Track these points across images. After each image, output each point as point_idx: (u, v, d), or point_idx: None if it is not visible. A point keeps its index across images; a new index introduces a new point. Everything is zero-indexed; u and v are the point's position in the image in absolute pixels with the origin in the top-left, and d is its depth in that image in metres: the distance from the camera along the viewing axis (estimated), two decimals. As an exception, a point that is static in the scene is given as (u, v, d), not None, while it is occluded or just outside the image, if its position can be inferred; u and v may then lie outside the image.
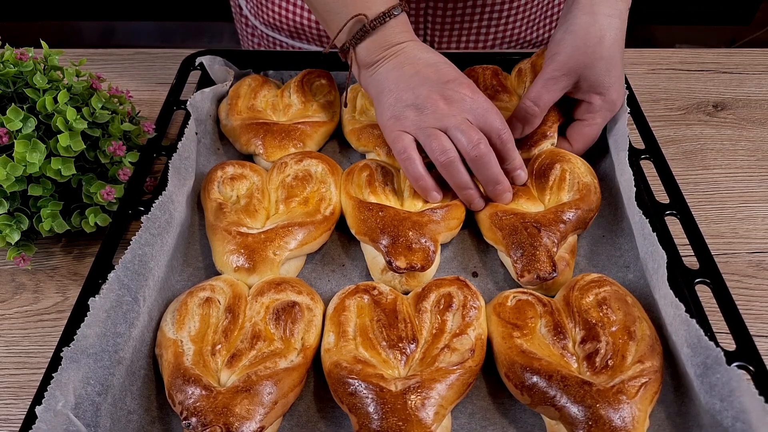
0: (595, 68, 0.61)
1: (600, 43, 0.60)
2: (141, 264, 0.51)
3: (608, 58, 0.61)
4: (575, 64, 0.61)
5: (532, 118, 0.64)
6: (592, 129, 0.66)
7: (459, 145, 0.57)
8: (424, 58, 0.60)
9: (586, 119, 0.65)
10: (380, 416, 0.44)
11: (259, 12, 0.93)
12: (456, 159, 0.57)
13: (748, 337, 0.48)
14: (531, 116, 0.63)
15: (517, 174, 0.62)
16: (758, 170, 0.74)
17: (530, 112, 0.63)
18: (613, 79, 0.62)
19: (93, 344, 0.46)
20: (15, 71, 0.59)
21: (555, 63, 0.62)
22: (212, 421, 0.44)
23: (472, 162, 0.58)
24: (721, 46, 1.42)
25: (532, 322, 0.52)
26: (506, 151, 0.59)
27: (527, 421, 0.50)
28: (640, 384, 0.46)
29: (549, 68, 0.62)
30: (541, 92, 0.63)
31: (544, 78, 0.62)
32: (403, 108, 0.58)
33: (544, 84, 0.62)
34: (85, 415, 0.44)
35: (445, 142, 0.57)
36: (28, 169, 0.55)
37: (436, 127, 0.57)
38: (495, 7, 0.87)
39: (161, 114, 0.69)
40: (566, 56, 0.61)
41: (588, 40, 0.60)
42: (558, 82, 0.62)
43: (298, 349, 0.50)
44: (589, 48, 0.60)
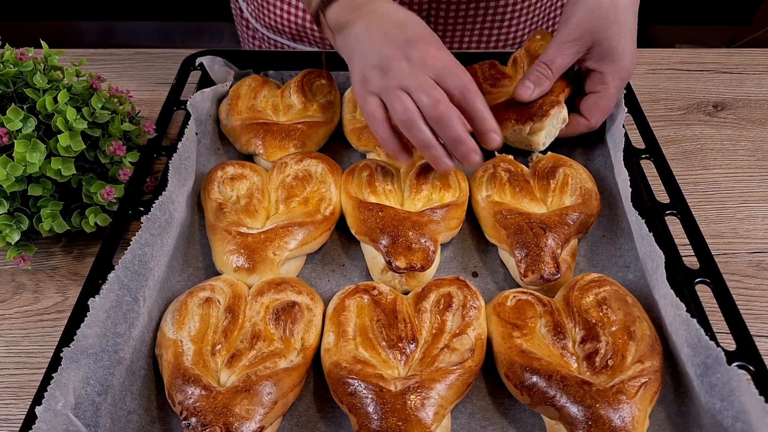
0: (608, 32, 0.61)
1: (614, 7, 0.60)
2: (141, 264, 0.51)
3: (622, 22, 0.60)
4: (589, 27, 0.61)
5: (544, 81, 0.63)
6: (607, 100, 0.65)
7: (420, 105, 0.55)
8: (393, 16, 0.59)
9: (600, 91, 0.65)
10: (380, 416, 0.44)
11: (260, 15, 0.93)
12: (415, 118, 0.55)
13: (748, 336, 0.48)
14: (544, 78, 0.63)
15: (490, 137, 0.57)
16: (758, 170, 0.74)
17: (544, 74, 0.63)
18: (626, 45, 0.62)
19: (93, 344, 0.46)
20: (15, 71, 0.59)
21: (568, 26, 0.61)
22: (212, 421, 0.44)
23: (432, 122, 0.55)
24: (721, 46, 1.42)
25: (531, 322, 0.51)
26: (472, 110, 0.56)
27: (527, 421, 0.50)
28: (640, 384, 0.46)
29: (563, 32, 0.62)
30: (554, 55, 0.62)
31: (558, 42, 0.62)
32: (370, 69, 0.58)
33: (558, 48, 0.62)
34: (85, 415, 0.44)
35: (406, 101, 0.55)
36: (28, 169, 0.55)
37: (398, 87, 0.56)
38: (498, 9, 0.87)
39: (161, 114, 0.69)
40: (579, 19, 0.61)
41: (602, 2, 0.60)
42: (572, 46, 0.62)
43: (298, 349, 0.50)
44: (602, 11, 0.60)
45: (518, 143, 0.68)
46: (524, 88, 0.64)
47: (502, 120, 0.64)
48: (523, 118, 0.65)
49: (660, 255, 0.50)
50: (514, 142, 0.68)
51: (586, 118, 0.66)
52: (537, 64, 0.64)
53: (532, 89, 0.64)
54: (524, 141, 0.67)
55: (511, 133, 0.66)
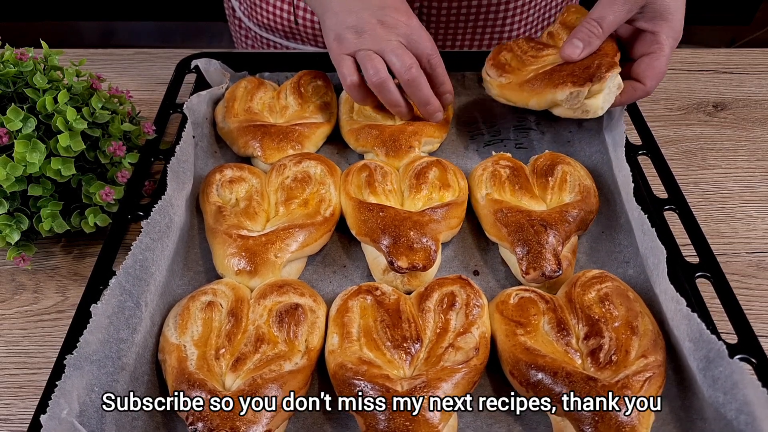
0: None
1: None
2: (142, 269, 0.51)
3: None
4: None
5: (594, 39, 0.60)
6: (662, 62, 0.61)
7: (393, 68, 0.61)
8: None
9: (654, 51, 0.61)
10: (387, 417, 0.44)
11: (252, 13, 0.93)
12: (386, 79, 0.62)
13: (749, 330, 0.48)
14: (594, 37, 0.60)
15: (445, 97, 0.67)
16: (758, 170, 0.74)
17: (594, 32, 0.59)
18: (678, 5, 0.59)
19: (96, 351, 0.46)
20: (15, 71, 0.59)
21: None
22: (219, 425, 0.44)
23: (405, 84, 0.62)
24: (721, 46, 1.42)
25: (535, 319, 0.52)
26: (436, 75, 0.64)
27: (533, 418, 0.50)
28: (644, 379, 0.46)
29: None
30: (605, 12, 0.59)
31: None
32: (345, 30, 0.61)
33: (610, 4, 0.59)
34: (90, 422, 0.44)
35: (378, 63, 0.60)
36: (28, 169, 0.55)
37: (372, 49, 0.61)
38: (491, 8, 0.87)
39: (158, 117, 0.69)
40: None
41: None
42: (624, 3, 0.58)
43: (302, 351, 0.50)
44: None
45: (572, 111, 0.62)
46: (572, 47, 0.60)
47: (556, 85, 0.60)
48: (580, 80, 0.59)
49: (662, 250, 0.51)
50: (567, 110, 0.62)
51: (642, 83, 0.62)
52: (586, 21, 0.60)
53: (581, 48, 0.60)
54: (580, 107, 0.61)
55: (567, 98, 0.60)
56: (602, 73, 0.59)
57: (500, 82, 0.65)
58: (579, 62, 0.60)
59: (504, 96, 0.66)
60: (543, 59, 0.65)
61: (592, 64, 0.60)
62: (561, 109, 0.62)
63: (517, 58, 0.67)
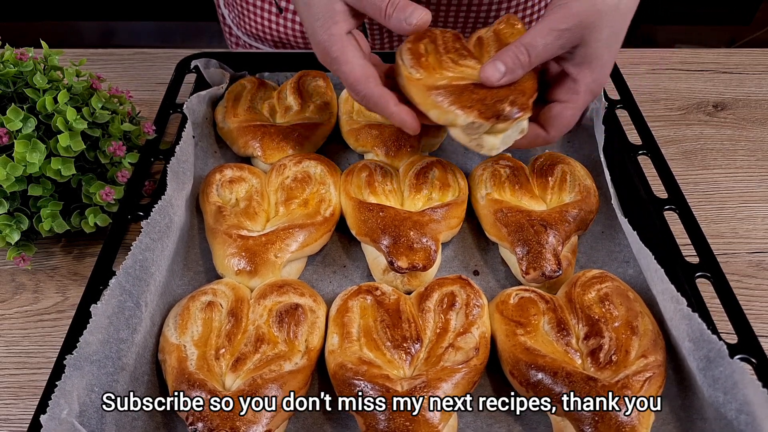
0: (600, 35, 0.51)
1: (616, 9, 0.51)
2: (142, 269, 0.51)
3: (617, 29, 0.52)
4: (584, 21, 0.50)
5: (518, 68, 0.52)
6: (574, 114, 0.55)
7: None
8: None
9: (569, 101, 0.55)
10: (387, 417, 0.44)
11: (241, 23, 0.92)
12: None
13: (749, 330, 0.48)
14: (519, 65, 0.51)
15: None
16: (758, 170, 0.74)
17: (521, 59, 0.51)
18: (611, 56, 0.54)
19: (96, 351, 0.46)
20: (15, 71, 0.59)
21: (564, 11, 0.50)
22: (219, 425, 0.44)
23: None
24: (721, 46, 1.42)
25: (535, 319, 0.52)
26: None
27: (533, 418, 0.50)
28: (644, 378, 0.46)
29: (553, 16, 0.51)
30: (537, 40, 0.51)
31: (546, 26, 0.51)
32: (310, 40, 0.56)
33: (545, 33, 0.51)
34: (90, 422, 0.44)
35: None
36: (28, 169, 0.55)
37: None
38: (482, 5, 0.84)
39: (158, 118, 0.69)
40: (577, 9, 0.50)
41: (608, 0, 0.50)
42: (559, 36, 0.51)
43: (302, 351, 0.50)
44: (603, 7, 0.50)
45: (467, 139, 0.54)
46: (493, 70, 0.51)
47: (463, 107, 0.52)
48: (488, 113, 0.51)
49: (647, 252, 0.51)
50: (463, 136, 0.54)
51: (546, 130, 0.56)
52: (516, 45, 0.51)
53: (503, 74, 0.51)
54: (477, 139, 0.54)
55: (468, 125, 0.52)
56: (512, 113, 0.51)
57: (410, 74, 0.55)
58: (494, 91, 0.52)
59: (407, 91, 0.56)
60: (461, 69, 0.56)
61: (505, 99, 0.52)
62: (457, 132, 0.54)
63: (436, 54, 0.57)
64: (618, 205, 0.57)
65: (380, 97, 0.53)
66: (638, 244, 0.53)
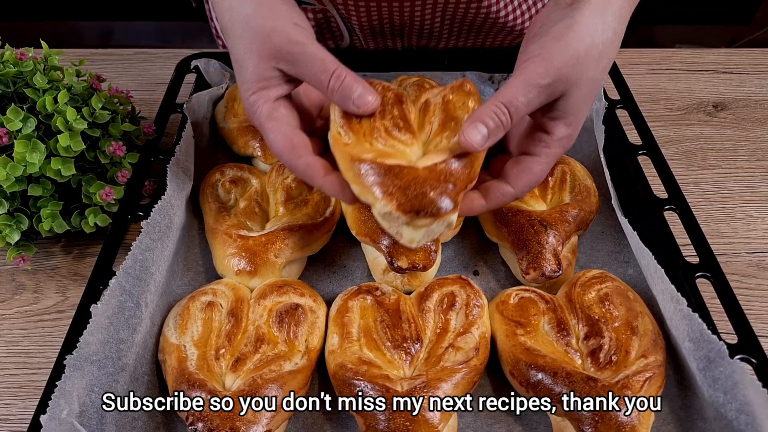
0: (581, 90, 0.46)
1: (598, 61, 0.46)
2: (142, 269, 0.51)
3: (597, 82, 0.47)
4: (567, 75, 0.44)
5: (500, 130, 0.44)
6: (543, 170, 0.49)
7: None
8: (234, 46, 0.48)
9: (538, 154, 0.48)
10: (387, 417, 0.44)
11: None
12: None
13: (750, 330, 0.48)
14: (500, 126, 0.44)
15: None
16: (758, 170, 0.74)
17: (502, 120, 0.44)
18: (587, 109, 0.48)
19: (96, 351, 0.46)
20: (15, 71, 0.59)
21: (546, 65, 0.44)
22: (219, 425, 0.44)
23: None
24: (721, 46, 1.42)
25: (535, 319, 0.52)
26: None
27: (533, 418, 0.50)
28: (644, 379, 0.46)
29: (537, 69, 0.44)
30: (519, 99, 0.44)
31: (528, 81, 0.44)
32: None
33: (527, 90, 0.44)
34: (90, 422, 0.44)
35: None
36: (28, 169, 0.55)
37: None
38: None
39: (158, 118, 0.69)
40: (561, 61, 0.44)
41: (591, 51, 0.45)
42: (542, 93, 0.44)
43: (302, 351, 0.50)
44: (587, 61, 0.45)
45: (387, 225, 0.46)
46: (475, 132, 0.44)
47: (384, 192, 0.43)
48: (408, 205, 0.43)
49: (647, 252, 0.51)
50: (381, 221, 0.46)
51: (511, 185, 0.49)
52: (494, 104, 0.44)
53: (486, 137, 0.44)
54: (395, 228, 0.46)
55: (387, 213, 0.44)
56: (435, 210, 0.43)
57: (338, 134, 0.47)
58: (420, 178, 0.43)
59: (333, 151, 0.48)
60: (392, 144, 0.47)
61: (430, 191, 0.43)
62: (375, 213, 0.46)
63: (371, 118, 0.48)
64: (618, 205, 0.57)
65: (306, 169, 0.47)
66: (638, 244, 0.53)
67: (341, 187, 0.47)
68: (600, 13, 0.46)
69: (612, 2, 0.47)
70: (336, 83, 0.45)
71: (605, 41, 0.46)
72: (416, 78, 0.74)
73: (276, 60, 0.46)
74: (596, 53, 0.45)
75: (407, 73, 0.76)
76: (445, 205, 0.43)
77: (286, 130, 0.48)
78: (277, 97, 0.48)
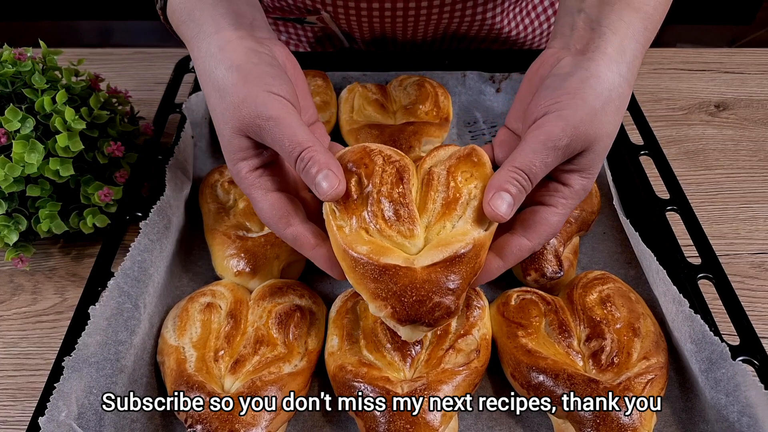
0: (599, 144, 0.44)
1: (616, 114, 0.44)
2: (141, 270, 0.51)
3: (612, 137, 0.45)
4: (585, 134, 0.42)
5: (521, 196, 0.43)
6: (559, 221, 0.46)
7: None
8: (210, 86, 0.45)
9: (554, 205, 0.46)
10: (387, 419, 0.44)
11: None
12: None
13: (752, 331, 0.48)
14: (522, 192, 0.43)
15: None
16: (760, 170, 0.73)
17: (523, 185, 0.42)
18: (600, 165, 0.46)
19: (94, 353, 0.46)
20: (13, 71, 0.58)
21: (562, 124, 0.42)
22: (218, 428, 0.43)
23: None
24: (723, 46, 1.42)
25: (536, 320, 0.51)
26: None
27: (534, 421, 0.49)
28: (646, 380, 0.46)
29: (553, 129, 0.42)
30: (535, 162, 0.42)
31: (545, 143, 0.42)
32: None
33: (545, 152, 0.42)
34: (89, 424, 0.44)
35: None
36: (27, 169, 0.55)
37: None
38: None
39: (157, 118, 0.68)
40: (580, 120, 0.42)
41: (607, 107, 0.43)
42: (561, 154, 0.42)
43: (302, 353, 0.50)
44: (605, 117, 0.43)
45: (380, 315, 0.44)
46: (501, 202, 0.42)
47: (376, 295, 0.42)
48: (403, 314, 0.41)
49: (649, 253, 0.51)
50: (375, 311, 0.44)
51: (527, 238, 0.46)
52: (511, 169, 0.42)
53: (512, 204, 0.42)
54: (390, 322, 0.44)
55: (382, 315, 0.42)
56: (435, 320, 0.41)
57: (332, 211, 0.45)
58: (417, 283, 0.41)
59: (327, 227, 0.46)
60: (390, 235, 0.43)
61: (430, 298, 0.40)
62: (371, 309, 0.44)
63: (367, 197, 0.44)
64: (620, 206, 0.57)
65: (294, 241, 0.46)
66: (640, 245, 0.52)
67: (330, 264, 0.46)
68: (615, 63, 0.44)
69: (626, 51, 0.44)
70: (301, 164, 0.42)
71: (621, 95, 0.44)
72: (416, 78, 0.74)
73: (247, 132, 0.44)
74: (613, 108, 0.44)
75: (407, 72, 0.76)
76: (444, 314, 0.41)
77: (273, 198, 0.46)
78: (259, 165, 0.46)
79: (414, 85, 0.74)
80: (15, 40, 0.66)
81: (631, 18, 0.45)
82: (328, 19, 0.77)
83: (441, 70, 0.77)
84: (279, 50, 0.50)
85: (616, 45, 0.44)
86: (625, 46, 0.45)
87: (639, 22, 0.45)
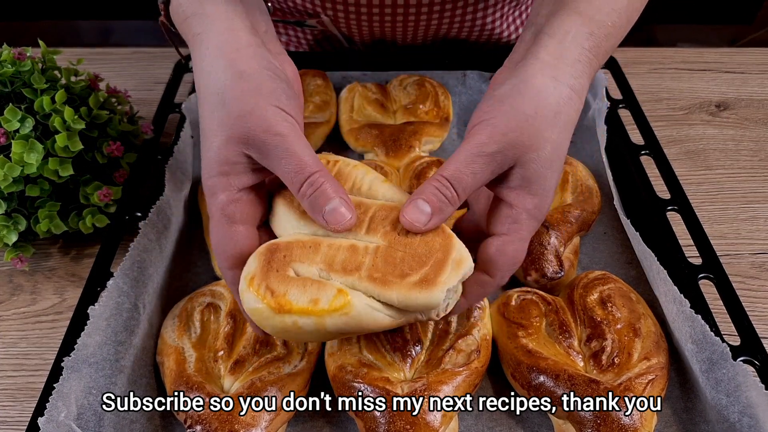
0: (538, 154, 0.40)
1: (554, 120, 0.41)
2: (140, 270, 0.51)
3: (558, 144, 0.42)
4: (515, 141, 0.40)
5: (446, 206, 0.40)
6: (517, 249, 0.42)
7: None
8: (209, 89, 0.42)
9: (508, 233, 0.42)
10: (387, 420, 0.44)
11: None
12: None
13: (753, 331, 0.48)
14: (446, 203, 0.40)
15: None
16: (761, 170, 0.73)
17: (446, 194, 0.40)
18: (555, 174, 0.42)
19: (94, 353, 0.46)
20: (13, 71, 0.58)
21: (490, 130, 0.40)
22: (217, 428, 0.43)
23: None
24: (723, 46, 1.42)
25: (536, 321, 0.51)
26: None
27: (534, 421, 0.49)
28: (647, 381, 0.46)
29: (477, 138, 0.40)
30: (461, 171, 0.40)
31: (473, 151, 0.40)
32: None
33: (472, 160, 0.40)
34: (88, 425, 0.44)
35: None
36: (26, 169, 0.54)
37: None
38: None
39: (156, 118, 0.68)
40: (505, 126, 0.40)
41: (542, 111, 0.40)
42: (488, 162, 0.40)
43: (302, 353, 0.50)
44: (540, 122, 0.40)
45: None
46: (416, 211, 0.40)
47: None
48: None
49: (650, 253, 0.51)
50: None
51: (489, 274, 0.43)
52: (436, 178, 0.40)
53: (429, 216, 0.40)
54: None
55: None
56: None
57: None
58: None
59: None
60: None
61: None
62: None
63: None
64: (620, 206, 0.57)
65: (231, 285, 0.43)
66: (641, 245, 0.52)
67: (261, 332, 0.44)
68: (550, 67, 0.41)
69: (565, 56, 0.42)
70: (308, 189, 0.39)
71: (560, 99, 0.41)
72: (416, 77, 0.74)
73: (246, 146, 0.40)
74: (550, 113, 0.41)
75: (407, 72, 0.76)
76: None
77: (236, 236, 0.42)
78: (240, 188, 0.42)
79: (414, 84, 0.74)
80: (15, 40, 0.65)
81: (572, 22, 0.43)
82: (328, 22, 0.77)
83: (441, 69, 0.77)
84: (289, 68, 0.48)
85: (552, 49, 0.42)
86: (563, 50, 0.42)
87: (582, 26, 0.43)
